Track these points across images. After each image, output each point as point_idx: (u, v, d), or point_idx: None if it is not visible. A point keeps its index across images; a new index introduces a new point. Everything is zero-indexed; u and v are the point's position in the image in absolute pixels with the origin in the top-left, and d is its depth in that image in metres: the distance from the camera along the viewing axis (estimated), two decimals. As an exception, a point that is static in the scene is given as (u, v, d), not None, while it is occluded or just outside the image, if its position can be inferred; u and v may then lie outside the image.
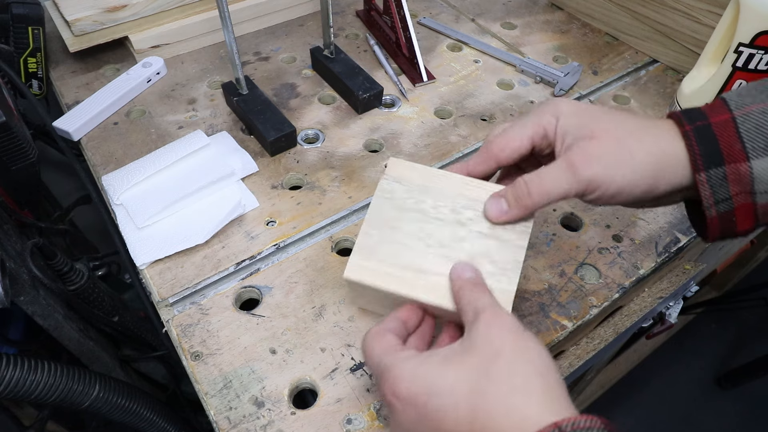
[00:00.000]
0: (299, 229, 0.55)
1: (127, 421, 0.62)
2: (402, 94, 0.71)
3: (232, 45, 0.60)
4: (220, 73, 0.73)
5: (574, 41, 0.80)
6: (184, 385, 0.83)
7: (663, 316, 0.81)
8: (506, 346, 0.30)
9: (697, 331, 1.62)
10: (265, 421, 0.41)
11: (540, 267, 0.52)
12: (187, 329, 0.47)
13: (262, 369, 0.45)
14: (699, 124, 0.34)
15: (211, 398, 0.43)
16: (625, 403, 1.46)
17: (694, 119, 0.34)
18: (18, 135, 0.57)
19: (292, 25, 0.82)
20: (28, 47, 0.68)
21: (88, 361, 0.63)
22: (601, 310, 0.50)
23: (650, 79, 0.74)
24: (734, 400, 1.48)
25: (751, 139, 0.32)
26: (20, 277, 0.50)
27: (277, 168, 0.61)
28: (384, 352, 0.33)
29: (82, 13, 0.67)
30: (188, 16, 0.74)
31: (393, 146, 0.64)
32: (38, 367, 0.51)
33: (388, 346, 0.34)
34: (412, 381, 0.30)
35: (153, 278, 0.51)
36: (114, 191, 0.56)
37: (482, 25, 0.83)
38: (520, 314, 0.48)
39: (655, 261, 0.53)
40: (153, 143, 0.63)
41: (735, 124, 0.33)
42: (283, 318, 0.48)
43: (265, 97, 0.65)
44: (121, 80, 0.68)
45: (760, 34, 0.52)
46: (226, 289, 0.50)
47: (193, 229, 0.53)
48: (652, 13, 0.73)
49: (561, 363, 0.55)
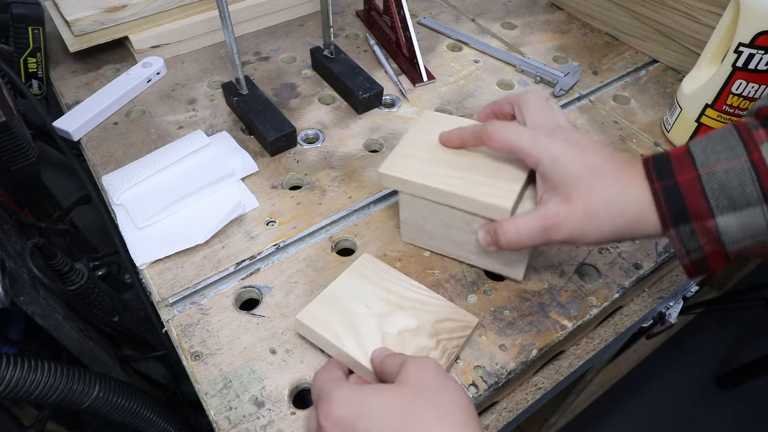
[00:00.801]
0: (299, 229, 0.55)
1: (127, 421, 0.62)
2: (402, 94, 0.71)
3: (232, 45, 0.60)
4: (220, 73, 0.73)
5: (574, 41, 0.80)
6: (184, 385, 0.83)
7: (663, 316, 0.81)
8: (429, 382, 0.34)
9: (697, 331, 1.62)
10: (265, 421, 0.41)
11: (540, 267, 0.52)
12: (187, 329, 0.47)
13: (262, 369, 0.45)
14: (667, 183, 0.36)
15: (211, 398, 0.43)
16: (625, 403, 1.47)
17: (663, 175, 0.37)
18: (18, 135, 0.57)
19: (292, 25, 0.82)
20: (28, 47, 0.68)
21: (88, 361, 0.63)
22: (601, 310, 0.50)
23: (650, 79, 0.74)
24: (734, 400, 1.48)
25: (716, 197, 0.34)
26: (20, 277, 0.50)
27: (277, 168, 0.61)
28: (328, 380, 0.37)
29: (82, 13, 0.67)
30: (188, 16, 0.74)
31: (393, 146, 0.64)
32: (38, 367, 0.51)
33: (333, 376, 0.38)
34: (345, 403, 0.33)
35: (153, 278, 0.51)
36: (114, 191, 0.56)
37: (482, 25, 0.83)
38: (521, 314, 0.49)
39: (655, 261, 0.53)
40: (153, 143, 0.63)
41: (700, 183, 0.35)
42: (283, 318, 0.48)
43: (265, 97, 0.65)
44: (121, 80, 0.68)
45: (760, 34, 0.52)
46: (226, 289, 0.50)
47: (193, 229, 0.53)
48: (652, 13, 0.73)
49: (561, 363, 0.56)
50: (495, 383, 0.44)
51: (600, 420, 1.42)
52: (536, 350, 0.46)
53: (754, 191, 0.33)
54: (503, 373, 0.45)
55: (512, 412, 0.52)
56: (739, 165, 0.34)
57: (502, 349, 0.46)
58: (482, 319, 0.48)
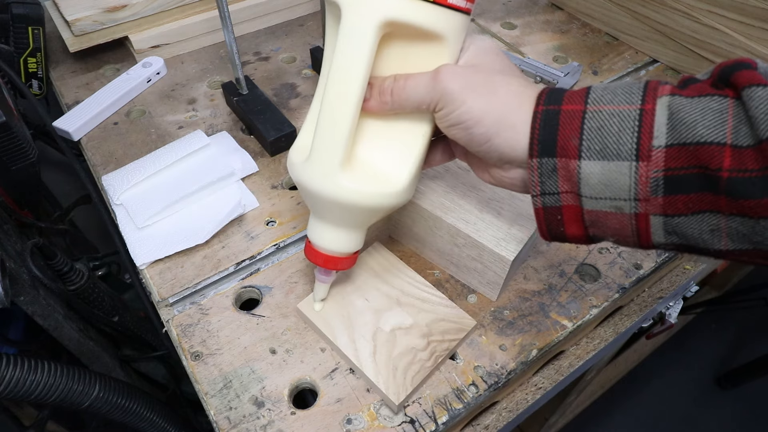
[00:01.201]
0: (299, 229, 0.55)
1: (127, 421, 0.62)
2: (402, 94, 0.70)
3: (232, 45, 0.60)
4: (220, 73, 0.73)
5: (574, 41, 0.80)
6: (184, 385, 0.83)
7: (663, 316, 0.81)
8: None
9: (697, 331, 1.62)
10: (265, 421, 0.41)
11: (540, 267, 0.52)
12: (187, 329, 0.47)
13: (262, 369, 0.45)
14: (551, 108, 0.32)
15: (211, 398, 0.43)
16: (625, 403, 1.47)
17: (551, 101, 0.33)
18: (18, 135, 0.57)
19: (292, 25, 0.82)
20: (28, 47, 0.68)
21: (88, 361, 0.63)
22: (601, 310, 0.50)
23: (650, 79, 0.74)
24: (734, 400, 1.48)
25: (589, 138, 0.31)
26: (20, 277, 0.50)
27: (277, 168, 0.61)
28: None
29: (82, 13, 0.67)
30: (188, 16, 0.74)
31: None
32: (38, 367, 0.51)
33: None
34: None
35: (153, 278, 0.51)
36: (114, 191, 0.56)
37: (482, 25, 0.83)
38: (521, 314, 0.49)
39: (655, 261, 0.53)
40: (153, 143, 0.63)
41: (582, 119, 0.31)
42: (283, 318, 0.48)
43: (265, 97, 0.65)
44: (121, 80, 0.68)
45: None
46: (226, 289, 0.50)
47: (193, 229, 0.53)
48: (652, 13, 0.73)
49: (561, 363, 0.55)
50: (495, 383, 0.44)
51: (600, 420, 1.42)
52: (536, 350, 0.46)
53: (630, 143, 0.29)
54: (503, 373, 0.45)
55: (512, 412, 0.52)
56: (627, 111, 0.30)
57: (502, 349, 0.46)
58: (482, 319, 0.48)
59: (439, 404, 0.43)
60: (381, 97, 0.36)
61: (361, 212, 0.39)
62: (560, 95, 0.33)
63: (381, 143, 0.39)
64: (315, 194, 0.38)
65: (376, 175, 0.38)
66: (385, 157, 0.39)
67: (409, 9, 0.32)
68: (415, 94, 0.35)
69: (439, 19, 0.33)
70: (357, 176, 0.37)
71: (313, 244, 0.42)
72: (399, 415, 0.42)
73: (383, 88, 0.36)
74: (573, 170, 0.31)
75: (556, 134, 0.32)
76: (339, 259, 0.41)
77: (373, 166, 0.38)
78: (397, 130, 0.38)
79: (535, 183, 0.33)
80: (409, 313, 0.46)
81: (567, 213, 0.33)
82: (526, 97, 0.34)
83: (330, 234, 0.40)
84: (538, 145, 0.32)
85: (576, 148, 0.31)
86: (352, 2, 0.32)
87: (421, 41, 0.35)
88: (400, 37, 0.35)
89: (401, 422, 0.42)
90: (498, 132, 0.34)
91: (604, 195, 0.31)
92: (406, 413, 0.42)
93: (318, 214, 0.40)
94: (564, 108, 0.32)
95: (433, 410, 0.43)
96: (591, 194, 0.31)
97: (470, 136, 0.35)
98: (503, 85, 0.34)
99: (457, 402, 0.43)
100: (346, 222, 0.40)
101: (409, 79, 0.35)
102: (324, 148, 0.36)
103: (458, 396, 0.44)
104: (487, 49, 0.37)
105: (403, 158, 0.38)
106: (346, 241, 0.41)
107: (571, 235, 0.34)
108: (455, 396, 0.43)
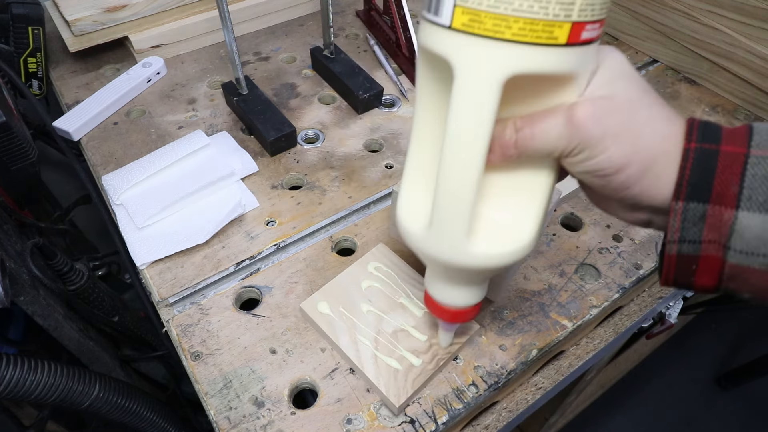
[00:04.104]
0: (299, 229, 0.55)
1: (127, 421, 0.62)
2: (402, 94, 0.70)
3: (232, 45, 0.60)
4: (220, 73, 0.73)
5: (574, 41, 0.80)
6: (184, 385, 0.83)
7: (663, 316, 0.81)
8: None
9: (697, 331, 1.62)
10: (265, 421, 0.41)
11: (540, 267, 0.52)
12: (187, 329, 0.47)
13: (262, 369, 0.45)
14: (706, 146, 0.28)
15: (211, 398, 0.43)
16: (625, 403, 1.46)
17: (706, 137, 0.29)
18: (18, 135, 0.57)
19: (292, 25, 0.82)
20: (28, 47, 0.68)
21: (88, 361, 0.63)
22: (601, 310, 0.50)
23: (650, 79, 0.74)
24: (734, 400, 1.48)
25: (752, 187, 0.27)
26: (20, 277, 0.50)
27: (277, 168, 0.61)
28: None
29: (82, 13, 0.67)
30: (188, 16, 0.74)
31: (393, 146, 0.64)
32: (38, 367, 0.51)
33: None
34: None
35: (153, 278, 0.51)
36: (114, 191, 0.56)
37: (482, 25, 0.83)
38: (521, 314, 0.49)
39: (655, 261, 0.53)
40: (153, 143, 0.63)
41: (744, 163, 0.27)
42: (283, 318, 0.48)
43: (265, 97, 0.65)
44: (121, 80, 0.68)
45: None
46: (226, 289, 0.50)
47: (193, 229, 0.53)
48: (652, 13, 0.73)
49: (561, 363, 0.55)
50: (495, 383, 0.44)
51: (600, 420, 1.42)
52: (536, 350, 0.46)
53: None
54: (503, 373, 0.45)
55: (512, 412, 0.52)
56: None
57: (502, 349, 0.46)
58: (482, 319, 0.48)
59: (439, 404, 0.43)
60: (503, 151, 0.32)
61: (491, 272, 0.36)
62: (717, 132, 0.29)
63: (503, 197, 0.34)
64: (442, 264, 0.35)
65: (502, 233, 0.34)
66: (509, 211, 0.34)
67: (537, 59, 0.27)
68: (545, 143, 0.30)
69: (570, 60, 0.28)
70: (485, 240, 0.33)
71: (438, 302, 0.39)
72: (399, 415, 0.42)
73: (504, 142, 0.32)
74: (727, 221, 0.28)
75: (712, 178, 0.28)
76: (467, 311, 0.39)
77: (499, 223, 0.34)
78: (519, 180, 0.34)
79: (676, 229, 0.29)
80: (411, 314, 0.46)
81: (704, 263, 0.29)
82: (673, 137, 0.30)
83: (456, 292, 0.38)
84: (688, 188, 0.28)
85: (734, 196, 0.27)
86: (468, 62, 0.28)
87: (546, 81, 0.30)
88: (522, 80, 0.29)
89: (401, 422, 0.42)
90: (639, 180, 0.30)
91: (759, 251, 0.28)
92: (406, 413, 0.42)
93: (442, 276, 0.38)
94: (723, 149, 0.28)
95: (433, 410, 0.43)
96: (742, 248, 0.28)
97: (607, 183, 0.31)
98: (648, 125, 0.30)
99: (457, 402, 0.43)
100: (473, 281, 0.38)
101: (535, 127, 0.30)
102: (448, 219, 0.32)
103: (458, 396, 0.44)
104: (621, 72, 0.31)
105: (528, 209, 0.34)
106: (474, 295, 0.38)
107: (700, 285, 0.31)
108: (455, 396, 0.44)
